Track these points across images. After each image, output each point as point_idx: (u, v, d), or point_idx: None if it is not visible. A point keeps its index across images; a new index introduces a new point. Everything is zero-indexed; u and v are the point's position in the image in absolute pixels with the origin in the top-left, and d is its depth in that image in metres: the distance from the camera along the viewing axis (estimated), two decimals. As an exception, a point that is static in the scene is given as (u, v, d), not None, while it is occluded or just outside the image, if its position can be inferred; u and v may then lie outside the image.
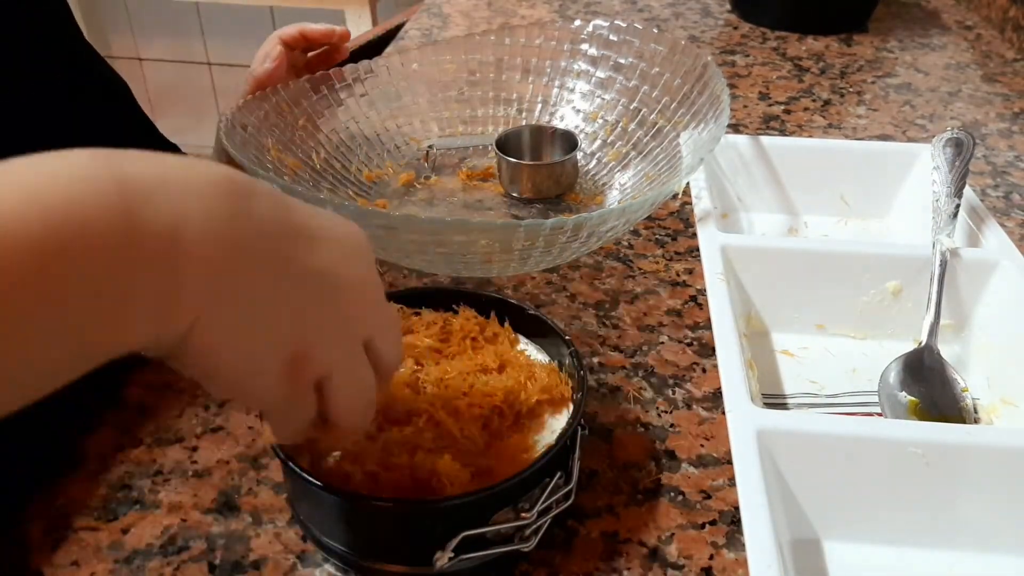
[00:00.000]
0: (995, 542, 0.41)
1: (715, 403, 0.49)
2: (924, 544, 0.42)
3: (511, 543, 0.37)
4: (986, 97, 0.87)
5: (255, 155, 0.56)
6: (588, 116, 0.72)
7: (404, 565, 0.37)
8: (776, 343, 0.54)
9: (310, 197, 0.52)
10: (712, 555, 0.40)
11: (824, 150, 0.66)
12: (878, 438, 0.40)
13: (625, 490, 0.43)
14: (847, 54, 0.97)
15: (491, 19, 1.06)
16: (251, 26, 2.10)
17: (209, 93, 2.26)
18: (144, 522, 0.41)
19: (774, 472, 0.41)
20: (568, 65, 0.73)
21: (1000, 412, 0.48)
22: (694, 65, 0.65)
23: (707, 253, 0.53)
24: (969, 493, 0.41)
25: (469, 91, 0.74)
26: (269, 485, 0.43)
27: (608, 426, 0.47)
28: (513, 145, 0.70)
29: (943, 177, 0.58)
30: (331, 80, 0.66)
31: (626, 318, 0.56)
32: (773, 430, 0.40)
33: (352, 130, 0.69)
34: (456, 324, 0.45)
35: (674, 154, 0.63)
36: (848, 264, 0.53)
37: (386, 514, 0.36)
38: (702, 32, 1.04)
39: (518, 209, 0.67)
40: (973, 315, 0.53)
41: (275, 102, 0.62)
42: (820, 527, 0.42)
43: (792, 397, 0.50)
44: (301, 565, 0.39)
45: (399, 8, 2.04)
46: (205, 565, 0.39)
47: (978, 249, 0.54)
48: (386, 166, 0.70)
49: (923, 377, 0.49)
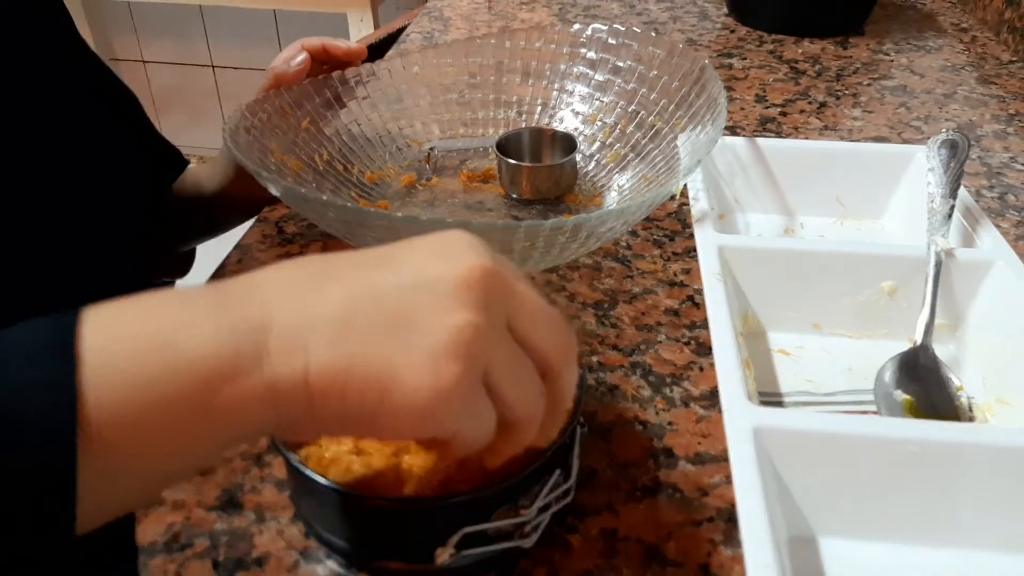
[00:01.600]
0: (990, 539, 0.42)
1: (712, 401, 0.49)
2: (920, 541, 0.42)
3: (511, 539, 0.37)
4: (981, 99, 0.88)
5: (258, 157, 0.57)
6: (587, 119, 0.73)
7: (405, 562, 0.38)
8: (773, 342, 0.55)
9: (313, 198, 0.53)
10: (710, 552, 0.41)
11: (820, 152, 0.67)
12: (874, 436, 0.41)
13: (624, 488, 0.44)
14: (843, 57, 0.98)
15: (491, 23, 1.07)
16: (254, 29, 2.10)
17: (212, 95, 2.26)
18: (148, 519, 0.42)
19: (771, 470, 0.41)
20: (567, 68, 0.74)
21: (995, 411, 0.49)
22: (691, 68, 0.66)
23: (704, 253, 0.53)
24: (964, 491, 0.41)
25: (470, 94, 0.75)
26: (272, 482, 0.44)
27: (607, 424, 0.48)
28: (513, 147, 0.70)
29: (938, 178, 0.58)
30: (333, 83, 0.67)
31: (624, 318, 0.56)
32: (770, 428, 0.41)
33: (354, 132, 0.69)
34: None
35: (672, 156, 0.64)
36: (844, 264, 0.54)
37: (387, 511, 0.36)
38: (700, 35, 1.05)
39: (518, 210, 0.68)
40: (968, 315, 0.54)
41: (278, 104, 0.63)
42: (817, 524, 0.42)
43: (788, 395, 0.51)
44: (304, 562, 0.40)
45: (401, 11, 2.05)
46: (209, 562, 0.40)
47: (973, 249, 0.55)
48: (388, 168, 0.70)
49: (918, 376, 0.49)
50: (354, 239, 0.53)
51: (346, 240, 0.55)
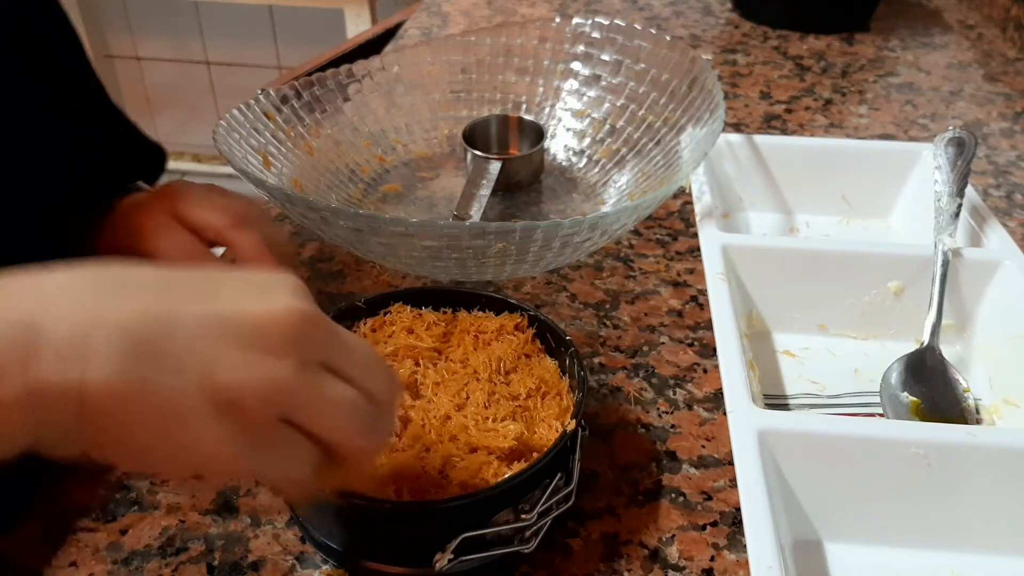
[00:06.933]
0: (997, 543, 0.41)
1: (716, 404, 0.49)
2: (926, 545, 0.41)
3: (511, 544, 0.36)
4: (988, 96, 0.87)
5: (251, 158, 0.56)
6: (586, 115, 0.72)
7: (403, 566, 0.37)
8: (777, 343, 0.54)
9: (310, 201, 0.52)
10: (713, 556, 0.40)
11: (825, 150, 0.66)
12: (880, 439, 0.40)
13: (626, 491, 0.43)
14: (849, 53, 0.97)
15: (491, 17, 1.06)
16: (250, 25, 2.09)
17: (208, 92, 2.25)
18: (143, 523, 0.41)
19: (775, 473, 0.40)
20: (567, 64, 0.73)
21: (1002, 413, 0.48)
22: (691, 65, 0.65)
23: (708, 253, 0.53)
24: (971, 494, 0.40)
25: (467, 89, 0.74)
26: (268, 486, 0.43)
27: (609, 427, 0.47)
28: (480, 137, 0.70)
29: (945, 177, 0.58)
30: (328, 80, 0.66)
31: (627, 318, 0.55)
32: (774, 431, 0.40)
33: (350, 129, 0.69)
34: (458, 324, 0.45)
35: (672, 152, 0.63)
36: (850, 264, 0.53)
37: (385, 515, 0.36)
38: (703, 31, 1.04)
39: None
40: (975, 315, 0.53)
41: (271, 103, 0.62)
42: (821, 528, 0.42)
43: (793, 398, 0.50)
44: (300, 566, 0.39)
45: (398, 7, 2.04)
46: (204, 566, 0.39)
47: (980, 249, 0.54)
48: (385, 163, 0.70)
49: (925, 378, 0.49)
50: (361, 246, 0.52)
51: (352, 249, 0.54)
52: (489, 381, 0.41)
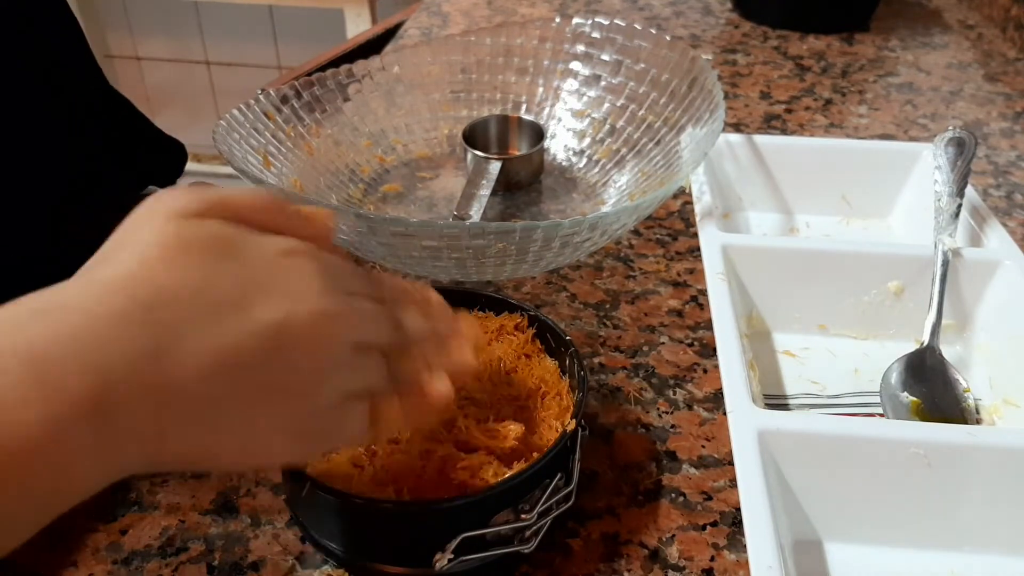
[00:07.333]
0: (998, 543, 0.41)
1: (716, 404, 0.49)
2: (926, 546, 0.41)
3: (511, 544, 0.36)
4: (988, 96, 0.87)
5: (251, 158, 0.56)
6: (586, 115, 0.72)
7: (403, 567, 0.37)
8: (777, 343, 0.54)
9: (311, 201, 0.52)
10: (713, 556, 0.40)
11: (826, 149, 0.66)
12: (880, 439, 0.40)
13: (626, 491, 0.43)
14: (848, 53, 0.97)
15: (491, 17, 1.06)
16: (250, 25, 2.09)
17: (208, 92, 2.25)
18: (143, 523, 0.41)
19: (775, 473, 0.40)
20: (567, 64, 0.73)
21: (1002, 413, 0.48)
22: (691, 65, 0.65)
23: (708, 253, 0.52)
24: (971, 494, 0.40)
25: (467, 89, 0.74)
26: (267, 486, 0.43)
27: (609, 427, 0.47)
28: (480, 137, 0.70)
29: (945, 177, 0.58)
30: (328, 80, 0.66)
31: (626, 318, 0.55)
32: (774, 431, 0.40)
33: (350, 129, 0.69)
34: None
35: (672, 152, 0.63)
36: (850, 264, 0.53)
37: (385, 515, 0.36)
38: (703, 31, 1.04)
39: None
40: (975, 315, 0.53)
41: (271, 103, 0.62)
42: (822, 528, 0.42)
43: (794, 398, 0.50)
44: (300, 566, 0.39)
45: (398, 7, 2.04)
46: (204, 566, 0.39)
47: (980, 249, 0.54)
48: (385, 163, 0.70)
49: (925, 378, 0.49)
50: (361, 246, 0.52)
51: (352, 249, 0.54)
52: (489, 381, 0.41)
